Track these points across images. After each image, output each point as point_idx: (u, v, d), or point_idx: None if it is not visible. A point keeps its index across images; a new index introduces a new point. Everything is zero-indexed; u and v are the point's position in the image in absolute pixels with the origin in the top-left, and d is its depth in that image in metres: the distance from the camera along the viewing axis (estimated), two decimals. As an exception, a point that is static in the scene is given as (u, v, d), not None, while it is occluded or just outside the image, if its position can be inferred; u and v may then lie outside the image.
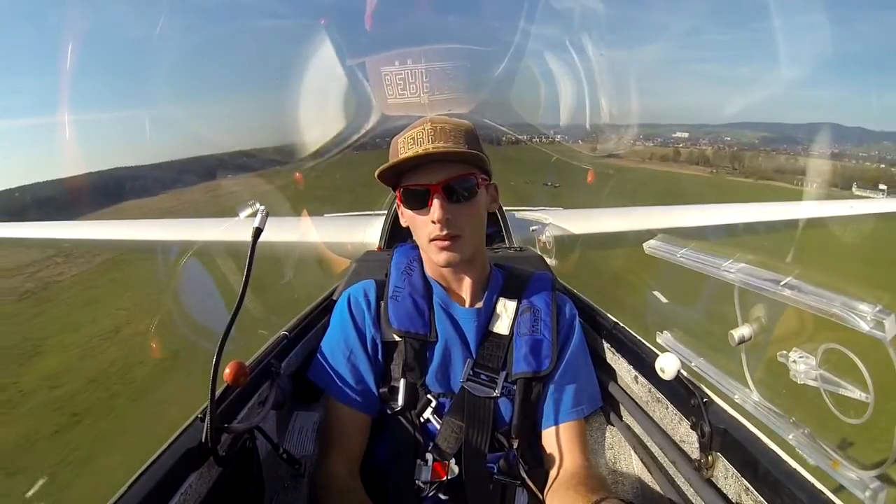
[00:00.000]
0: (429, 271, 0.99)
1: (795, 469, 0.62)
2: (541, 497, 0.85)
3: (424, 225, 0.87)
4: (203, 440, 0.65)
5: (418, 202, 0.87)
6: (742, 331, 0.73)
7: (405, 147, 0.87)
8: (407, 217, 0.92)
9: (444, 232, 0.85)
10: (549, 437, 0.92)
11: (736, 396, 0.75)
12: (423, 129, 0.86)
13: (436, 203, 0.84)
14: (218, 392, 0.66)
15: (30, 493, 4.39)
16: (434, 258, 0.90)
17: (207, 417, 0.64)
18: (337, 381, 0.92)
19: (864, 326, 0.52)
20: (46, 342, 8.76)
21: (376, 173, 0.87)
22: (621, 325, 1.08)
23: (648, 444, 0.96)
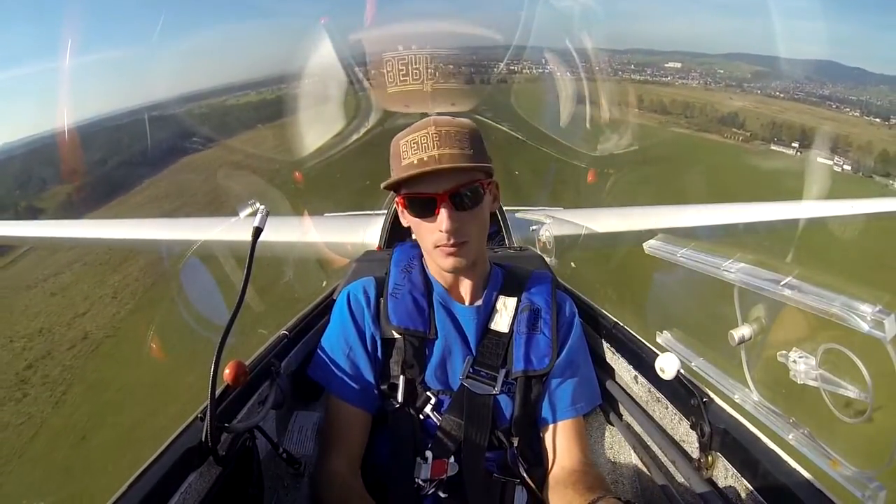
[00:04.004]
0: (430, 269, 0.99)
1: (795, 469, 0.62)
2: (540, 495, 0.85)
3: (430, 232, 0.86)
4: (203, 440, 0.65)
5: (424, 210, 0.85)
6: (742, 331, 0.73)
7: (408, 151, 0.85)
8: (410, 222, 0.91)
9: (452, 240, 0.84)
10: (548, 435, 0.92)
11: (736, 396, 0.75)
12: (427, 132, 0.84)
13: (443, 213, 0.83)
14: (218, 391, 0.66)
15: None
16: (440, 263, 0.90)
17: (207, 417, 0.64)
18: (337, 377, 0.92)
19: (864, 326, 0.52)
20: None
21: (383, 185, 0.87)
22: (621, 324, 1.08)
23: (648, 443, 0.96)
